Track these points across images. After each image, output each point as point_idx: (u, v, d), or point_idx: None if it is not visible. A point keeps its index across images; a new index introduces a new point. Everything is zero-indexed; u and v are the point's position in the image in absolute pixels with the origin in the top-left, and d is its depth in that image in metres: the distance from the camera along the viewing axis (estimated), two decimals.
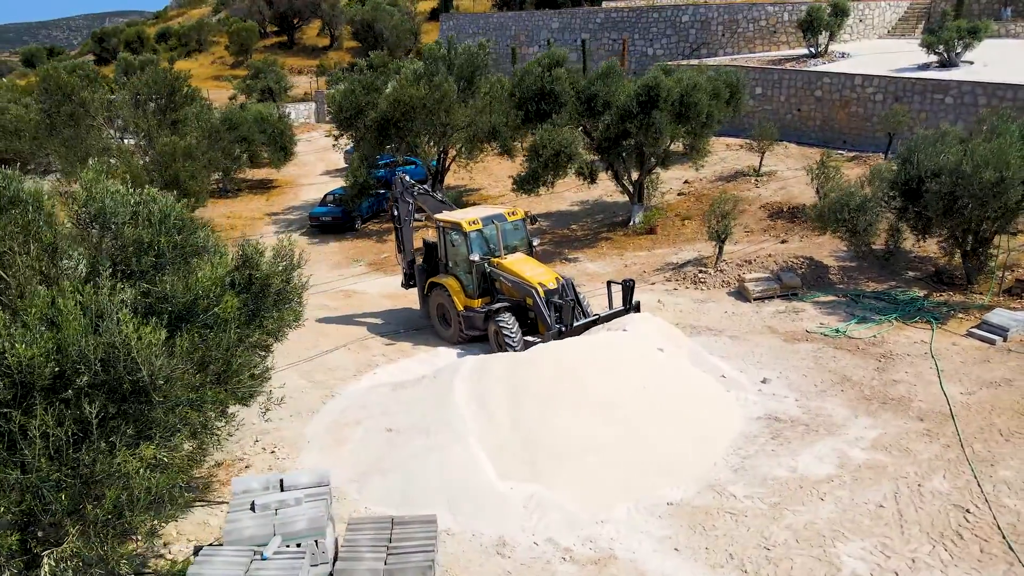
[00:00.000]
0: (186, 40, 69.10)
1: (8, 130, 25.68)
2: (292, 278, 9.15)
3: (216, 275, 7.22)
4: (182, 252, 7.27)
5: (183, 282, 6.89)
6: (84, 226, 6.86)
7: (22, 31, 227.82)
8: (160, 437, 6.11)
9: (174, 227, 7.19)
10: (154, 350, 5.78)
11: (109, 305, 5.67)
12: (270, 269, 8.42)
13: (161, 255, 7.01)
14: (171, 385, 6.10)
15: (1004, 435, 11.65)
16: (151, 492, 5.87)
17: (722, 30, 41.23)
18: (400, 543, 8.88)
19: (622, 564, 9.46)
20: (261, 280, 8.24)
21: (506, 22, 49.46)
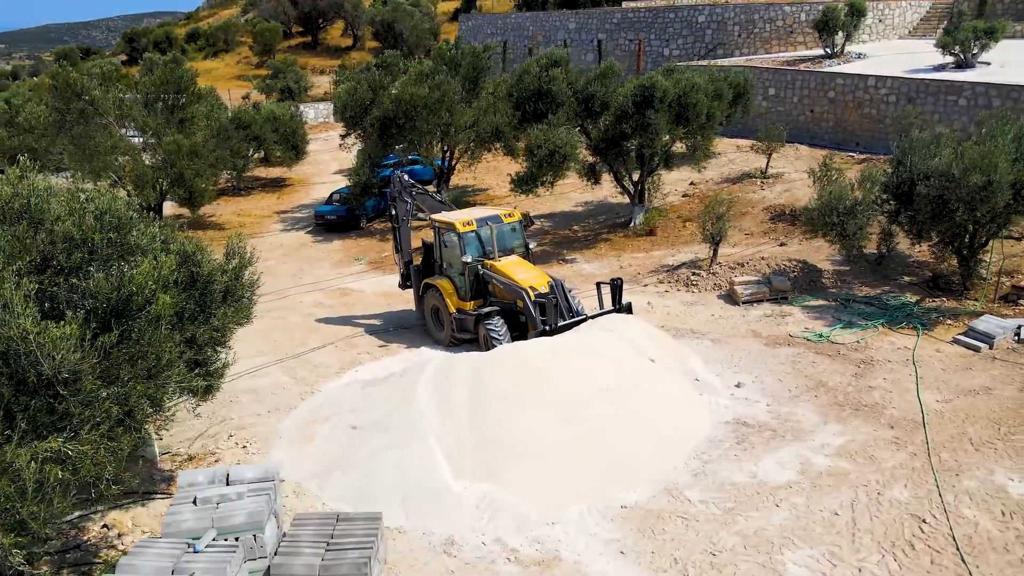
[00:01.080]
0: (213, 40, 70.25)
1: (23, 128, 26.37)
2: (243, 275, 9.23)
3: (151, 273, 7.36)
4: (119, 249, 7.42)
5: (113, 279, 7.04)
6: (12, 221, 7.04)
7: (63, 31, 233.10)
8: (70, 430, 6.25)
9: (110, 225, 7.35)
10: (59, 344, 5.93)
11: (12, 298, 5.83)
12: (212, 267, 8.54)
13: (94, 252, 7.17)
14: (82, 379, 6.24)
15: (974, 444, 11.41)
16: (42, 485, 5.99)
17: (738, 30, 40.81)
18: (341, 539, 8.98)
19: (565, 566, 9.45)
20: (204, 278, 8.36)
21: (523, 22, 49.48)
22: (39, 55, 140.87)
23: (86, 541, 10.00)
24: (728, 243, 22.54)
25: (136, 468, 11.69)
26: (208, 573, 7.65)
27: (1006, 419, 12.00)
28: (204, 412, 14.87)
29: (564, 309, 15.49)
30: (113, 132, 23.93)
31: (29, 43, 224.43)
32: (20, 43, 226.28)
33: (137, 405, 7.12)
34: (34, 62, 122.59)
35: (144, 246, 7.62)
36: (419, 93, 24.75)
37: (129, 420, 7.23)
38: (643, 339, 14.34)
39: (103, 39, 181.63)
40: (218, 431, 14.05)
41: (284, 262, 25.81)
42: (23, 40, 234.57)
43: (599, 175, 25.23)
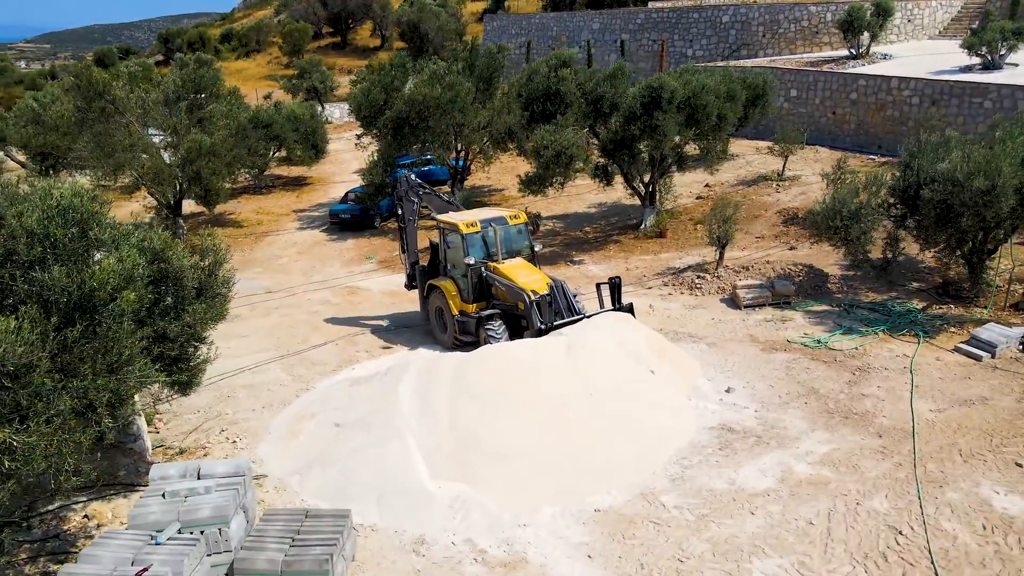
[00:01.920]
0: (246, 41, 71.35)
1: (49, 126, 27.07)
2: (217, 273, 9.38)
3: (114, 269, 7.52)
4: (82, 244, 7.59)
5: (74, 274, 7.20)
6: None
7: (107, 32, 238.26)
8: (19, 421, 6.41)
9: (72, 220, 7.52)
10: (4, 338, 6.08)
11: None
12: (182, 263, 8.69)
13: (55, 246, 7.34)
14: (32, 372, 6.41)
15: (963, 456, 11.13)
16: None
17: (763, 31, 40.30)
18: (306, 535, 9.08)
19: (531, 568, 9.43)
20: (174, 274, 8.52)
21: (548, 23, 49.43)
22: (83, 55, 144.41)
23: (66, 531, 10.23)
24: (737, 246, 22.30)
25: (123, 461, 11.97)
26: (166, 565, 7.78)
27: (999, 430, 11.69)
28: (201, 407, 15.19)
29: (564, 308, 15.36)
30: (133, 131, 24.39)
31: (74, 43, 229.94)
32: (66, 43, 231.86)
33: (97, 399, 7.26)
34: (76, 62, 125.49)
35: (106, 241, 7.77)
36: (432, 94, 24.86)
37: (91, 413, 7.37)
38: (635, 339, 14.19)
39: (144, 39, 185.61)
40: (213, 426, 14.28)
41: (297, 260, 26.13)
42: (68, 40, 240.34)
43: (611, 176, 25.10)
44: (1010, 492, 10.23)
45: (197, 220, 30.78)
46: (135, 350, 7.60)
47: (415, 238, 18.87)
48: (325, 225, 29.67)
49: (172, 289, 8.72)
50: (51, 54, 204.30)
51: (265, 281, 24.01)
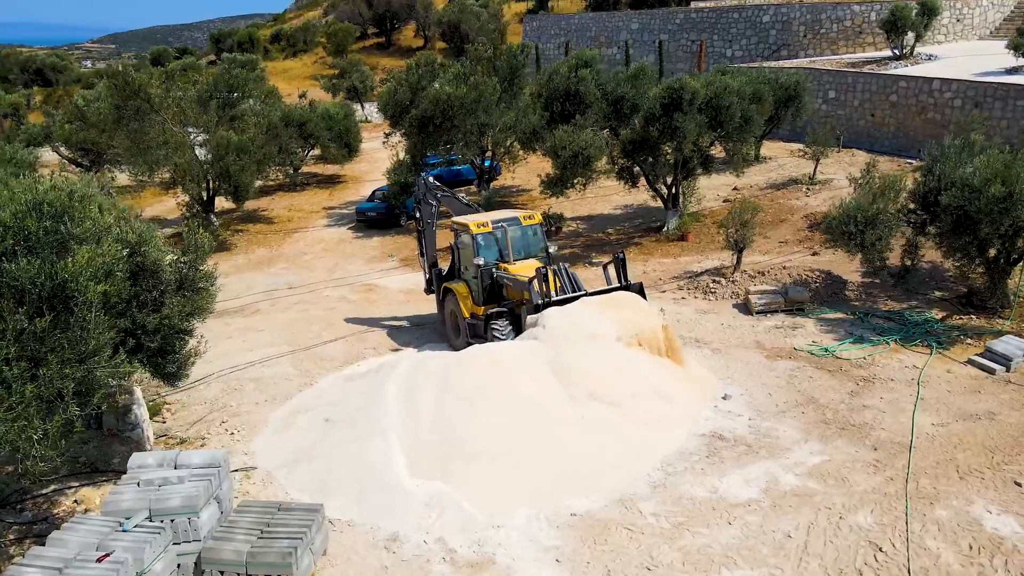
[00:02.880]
0: (294, 41, 72.72)
1: (90, 123, 28.03)
2: (200, 267, 9.58)
3: (85, 262, 7.75)
4: (56, 237, 7.84)
5: (45, 266, 7.45)
6: None
7: (168, 33, 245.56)
8: None
9: (48, 214, 7.78)
10: None
11: None
12: (159, 257, 8.90)
13: (28, 239, 7.61)
14: None
15: (960, 472, 10.72)
16: None
17: (804, 30, 39.42)
18: (275, 528, 9.21)
19: (497, 570, 9.40)
20: (150, 267, 8.74)
21: (587, 23, 49.20)
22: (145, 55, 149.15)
23: (55, 514, 10.58)
24: (759, 251, 21.88)
25: (119, 449, 12.31)
26: (128, 551, 7.98)
27: (1003, 447, 11.23)
28: (209, 398, 15.57)
29: (565, 284, 14.98)
30: (167, 128, 25.07)
31: (137, 44, 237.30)
32: (129, 44, 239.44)
33: (64, 387, 7.50)
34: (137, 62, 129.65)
35: (80, 236, 8.01)
36: (455, 93, 24.97)
37: (59, 402, 7.61)
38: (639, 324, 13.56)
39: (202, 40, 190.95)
40: (216, 417, 14.61)
41: (321, 257, 26.53)
42: (132, 41, 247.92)
43: (636, 178, 24.85)
44: (1003, 512, 9.81)
45: (231, 216, 31.50)
46: (104, 341, 7.81)
47: (433, 241, 18.74)
48: (353, 223, 30.03)
49: (149, 282, 8.95)
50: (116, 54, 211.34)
51: (289, 277, 24.45)
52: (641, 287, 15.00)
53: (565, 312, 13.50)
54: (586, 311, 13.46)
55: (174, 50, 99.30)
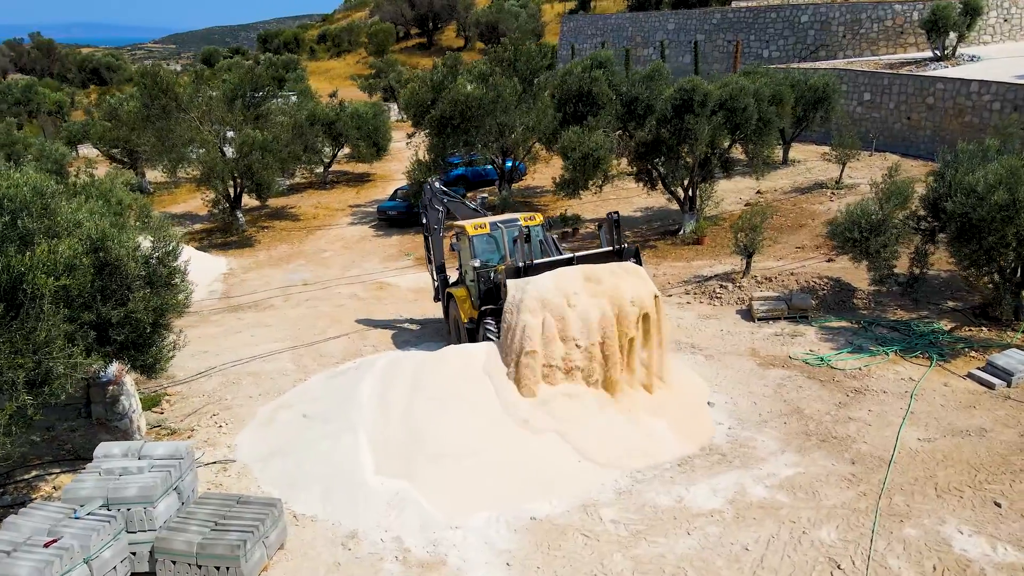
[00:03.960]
0: (338, 41, 73.87)
1: (123, 121, 28.92)
2: (169, 263, 9.79)
3: (41, 257, 8.02)
4: (17, 233, 8.11)
5: (2, 260, 7.73)
6: None
7: (225, 34, 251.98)
8: None
9: (8, 209, 8.06)
10: None
11: None
12: (121, 252, 9.14)
13: None
14: None
15: (939, 490, 10.32)
16: None
17: (843, 31, 38.42)
18: (229, 521, 9.37)
19: (447, 571, 9.40)
20: (113, 262, 8.98)
21: (623, 23, 48.80)
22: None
23: (32, 499, 10.94)
24: (774, 256, 21.44)
25: (104, 438, 12.65)
26: (76, 538, 8.22)
27: (989, 465, 10.77)
28: (207, 391, 15.92)
29: (549, 248, 14.66)
30: (193, 127, 25.70)
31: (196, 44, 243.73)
32: (188, 44, 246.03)
33: (15, 376, 7.76)
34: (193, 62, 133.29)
35: (42, 231, 8.27)
36: (474, 93, 25.03)
37: (12, 390, 7.88)
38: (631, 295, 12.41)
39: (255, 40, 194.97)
40: (211, 409, 14.93)
41: (340, 254, 26.89)
42: (191, 41, 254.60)
43: (655, 180, 24.56)
44: (976, 533, 9.41)
45: (260, 213, 32.15)
46: (56, 332, 8.06)
47: (441, 247, 18.33)
48: (375, 221, 30.35)
49: (112, 278, 9.20)
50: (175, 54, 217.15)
51: (305, 274, 24.85)
52: (637, 251, 13.60)
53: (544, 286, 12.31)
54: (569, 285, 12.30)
55: (227, 50, 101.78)
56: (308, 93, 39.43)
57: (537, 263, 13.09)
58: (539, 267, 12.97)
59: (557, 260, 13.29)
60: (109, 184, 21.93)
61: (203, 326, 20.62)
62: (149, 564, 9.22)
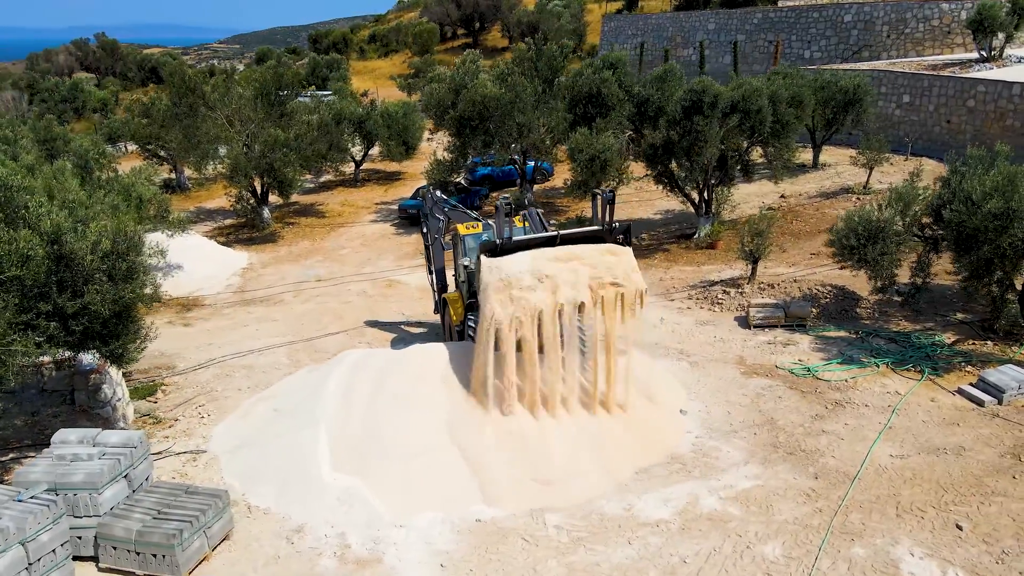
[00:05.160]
0: (386, 41, 74.79)
1: (153, 119, 29.84)
2: (131, 258, 10.05)
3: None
4: None
5: None
6: None
7: (287, 34, 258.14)
8: None
9: None
10: None
11: None
12: (76, 247, 9.42)
13: None
14: None
15: (900, 509, 9.89)
16: None
17: (887, 30, 37.16)
18: (172, 510, 9.59)
19: (380, 569, 9.42)
20: (67, 255, 9.27)
21: (663, 23, 48.15)
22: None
23: (5, 481, 11.36)
24: (786, 262, 20.88)
25: (85, 425, 13.06)
26: (13, 520, 8.50)
27: (959, 486, 10.28)
28: (202, 382, 16.31)
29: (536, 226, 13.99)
30: (218, 123, 26.33)
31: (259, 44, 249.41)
32: (252, 44, 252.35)
33: None
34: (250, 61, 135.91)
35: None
36: (491, 94, 25.04)
37: None
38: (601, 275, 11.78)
39: None
40: (201, 400, 15.28)
41: (358, 251, 27.20)
42: (254, 42, 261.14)
43: (673, 182, 24.16)
44: (928, 556, 8.99)
45: (288, 209, 32.77)
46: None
47: (442, 256, 17.88)
48: (398, 219, 30.62)
49: (68, 270, 9.49)
50: (239, 54, 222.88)
51: (320, 270, 25.22)
52: (628, 229, 12.62)
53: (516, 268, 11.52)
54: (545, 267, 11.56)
55: (284, 50, 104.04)
56: (345, 92, 39.97)
57: (517, 239, 12.04)
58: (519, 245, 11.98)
59: (539, 238, 12.32)
60: (131, 180, 22.81)
61: (214, 319, 21.13)
62: (94, 549, 9.48)
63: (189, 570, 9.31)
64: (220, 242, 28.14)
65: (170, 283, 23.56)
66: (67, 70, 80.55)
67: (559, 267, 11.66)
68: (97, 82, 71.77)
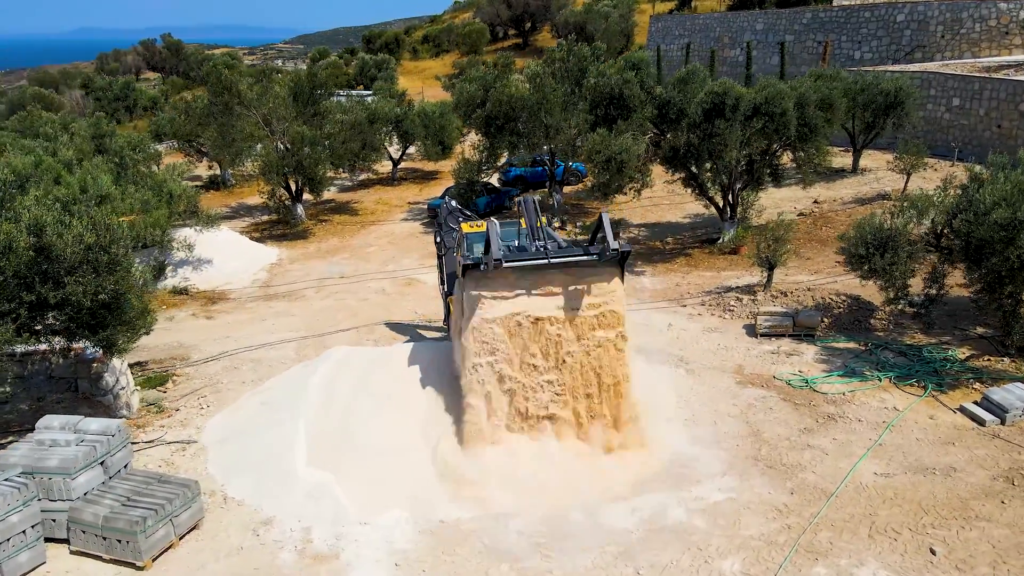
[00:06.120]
0: (438, 42, 75.46)
1: (191, 117, 30.73)
2: (114, 251, 10.39)
3: None
4: None
5: None
6: None
7: (349, 34, 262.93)
8: None
9: None
10: None
11: None
12: (55, 239, 9.78)
13: None
14: None
15: (873, 530, 9.51)
16: None
17: (942, 31, 35.70)
18: (141, 498, 9.86)
19: (336, 566, 9.51)
20: (46, 247, 9.63)
21: (711, 24, 47.30)
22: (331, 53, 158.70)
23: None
24: (809, 270, 20.29)
25: (85, 411, 13.54)
26: None
27: (942, 508, 9.82)
28: (209, 374, 16.73)
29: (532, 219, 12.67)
30: (251, 122, 26.96)
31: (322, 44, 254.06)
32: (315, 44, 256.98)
33: None
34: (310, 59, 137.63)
35: None
36: (518, 94, 25.01)
37: None
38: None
39: None
40: (205, 391, 15.69)
41: (384, 249, 27.49)
42: (318, 41, 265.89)
43: (705, 186, 23.73)
44: None
45: (324, 207, 33.37)
46: None
47: (454, 265, 18.14)
48: (428, 219, 30.85)
49: (49, 261, 9.87)
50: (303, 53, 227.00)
51: (345, 267, 25.58)
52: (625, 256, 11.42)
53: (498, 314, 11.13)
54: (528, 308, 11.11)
55: (343, 50, 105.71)
56: (385, 92, 40.47)
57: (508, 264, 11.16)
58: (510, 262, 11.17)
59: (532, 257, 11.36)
60: (164, 176, 23.55)
61: (235, 312, 21.65)
62: (67, 532, 9.82)
63: (153, 556, 9.56)
64: (254, 237, 28.82)
65: (199, 277, 24.35)
66: (134, 70, 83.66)
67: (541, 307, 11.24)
68: (161, 81, 74.37)
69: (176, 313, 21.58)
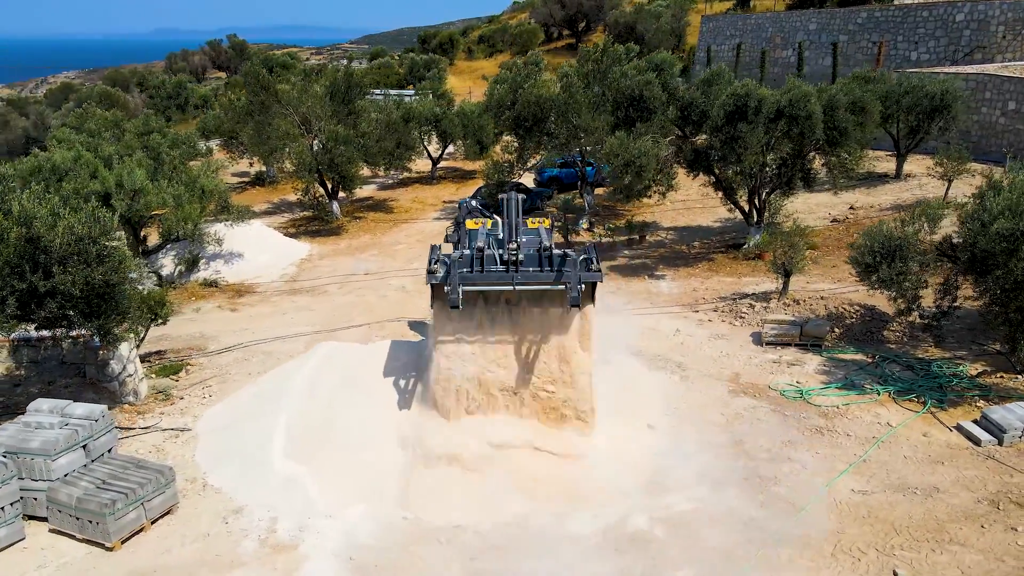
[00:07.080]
0: (493, 42, 75.81)
1: (232, 116, 31.64)
2: (105, 242, 10.82)
3: None
4: None
5: None
6: None
7: (413, 34, 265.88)
8: None
9: None
10: None
11: None
12: (43, 231, 10.23)
13: None
14: None
15: (837, 549, 9.18)
16: None
17: (1003, 31, 34.12)
18: (116, 481, 10.23)
19: (292, 557, 9.67)
20: (36, 238, 10.09)
21: (763, 24, 46.24)
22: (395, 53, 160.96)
23: None
24: (830, 278, 19.67)
25: (90, 396, 14.10)
26: None
27: (915, 529, 9.41)
28: (220, 364, 17.23)
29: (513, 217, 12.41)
30: (288, 120, 27.62)
31: (387, 43, 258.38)
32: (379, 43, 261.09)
33: None
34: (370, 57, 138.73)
35: None
36: (544, 95, 24.96)
37: None
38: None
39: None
40: (213, 381, 16.16)
41: (412, 247, 27.77)
42: (382, 41, 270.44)
43: (730, 189, 23.27)
44: None
45: (362, 204, 33.94)
46: None
47: None
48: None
49: (40, 252, 10.32)
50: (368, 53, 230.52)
51: (371, 264, 25.96)
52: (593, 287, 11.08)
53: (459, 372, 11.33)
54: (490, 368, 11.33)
55: (404, 50, 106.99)
56: (433, 91, 40.93)
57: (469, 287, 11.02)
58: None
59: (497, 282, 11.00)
60: (197, 172, 24.30)
61: (259, 305, 22.22)
62: (47, 511, 10.25)
63: (122, 539, 9.91)
64: (290, 233, 29.50)
65: (229, 270, 25.07)
66: (200, 69, 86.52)
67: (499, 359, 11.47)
68: (226, 81, 76.70)
69: (203, 304, 22.25)
